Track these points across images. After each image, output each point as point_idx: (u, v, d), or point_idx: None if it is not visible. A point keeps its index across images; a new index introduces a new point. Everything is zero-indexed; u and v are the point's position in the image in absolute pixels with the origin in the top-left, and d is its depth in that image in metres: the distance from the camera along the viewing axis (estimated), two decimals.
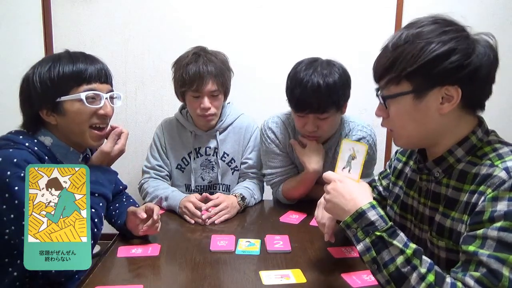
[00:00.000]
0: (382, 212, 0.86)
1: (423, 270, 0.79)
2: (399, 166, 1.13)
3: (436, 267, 0.81)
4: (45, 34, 2.04)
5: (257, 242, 1.22)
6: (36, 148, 1.08)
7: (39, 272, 1.04)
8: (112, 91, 1.19)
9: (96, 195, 1.13)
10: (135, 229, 1.22)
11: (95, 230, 1.07)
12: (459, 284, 0.77)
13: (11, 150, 1.04)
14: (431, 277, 0.78)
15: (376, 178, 1.25)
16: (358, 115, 1.74)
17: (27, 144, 1.07)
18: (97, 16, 2.07)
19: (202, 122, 1.64)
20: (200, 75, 1.52)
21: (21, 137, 1.10)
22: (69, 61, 1.11)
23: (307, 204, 1.57)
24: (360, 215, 0.86)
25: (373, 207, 0.86)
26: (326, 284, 1.01)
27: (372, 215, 0.85)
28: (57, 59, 1.12)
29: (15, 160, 1.00)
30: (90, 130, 1.15)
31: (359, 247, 0.84)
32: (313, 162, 1.49)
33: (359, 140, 1.55)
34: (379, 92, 0.94)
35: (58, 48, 2.05)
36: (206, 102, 1.56)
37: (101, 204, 1.14)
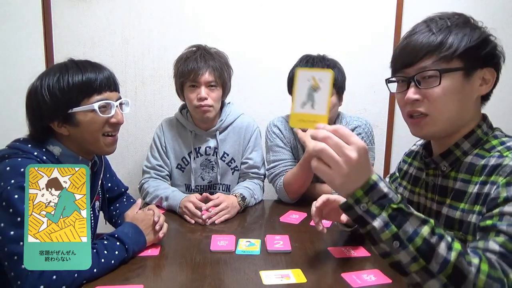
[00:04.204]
0: (385, 182, 0.75)
1: (449, 238, 0.73)
2: (405, 167, 1.15)
3: (455, 237, 0.76)
4: (45, 34, 2.04)
5: (257, 242, 1.22)
6: (44, 158, 1.07)
7: None
8: (120, 98, 1.19)
9: (125, 246, 1.09)
10: None
11: (94, 270, 0.99)
12: (478, 251, 0.76)
13: (19, 159, 1.02)
14: (457, 245, 0.72)
15: (387, 180, 1.26)
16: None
17: (35, 153, 1.07)
18: (97, 16, 2.07)
19: (199, 115, 1.64)
20: (198, 65, 1.57)
21: (29, 145, 1.09)
22: (77, 71, 1.09)
23: (307, 204, 1.57)
24: (372, 187, 0.72)
25: (380, 178, 0.74)
26: (326, 284, 1.01)
27: (383, 187, 0.72)
28: (65, 69, 1.09)
29: (22, 169, 0.97)
30: (104, 138, 1.15)
31: (376, 223, 0.71)
32: (313, 141, 1.51)
33: (355, 128, 1.61)
34: (414, 74, 0.90)
35: (58, 48, 2.06)
36: (203, 91, 1.58)
37: (117, 252, 1.06)
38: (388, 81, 1.00)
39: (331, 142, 0.71)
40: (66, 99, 1.08)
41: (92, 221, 1.27)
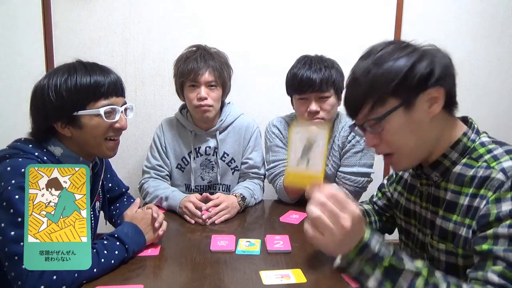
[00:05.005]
0: (378, 236, 0.80)
1: (444, 286, 0.76)
2: (400, 172, 1.15)
3: (451, 279, 0.79)
4: (45, 34, 2.04)
5: (257, 242, 1.22)
6: (45, 158, 1.07)
7: None
8: (125, 103, 1.18)
9: (125, 246, 1.08)
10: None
11: (94, 270, 0.99)
12: (476, 286, 0.77)
13: (20, 159, 1.02)
14: None
15: (385, 182, 1.26)
16: None
17: (36, 153, 1.06)
18: (97, 16, 2.07)
19: (199, 115, 1.64)
20: (198, 65, 1.57)
21: (30, 146, 1.08)
22: (85, 73, 1.08)
23: (307, 204, 1.57)
24: (363, 247, 0.78)
25: (373, 234, 0.80)
26: (326, 284, 1.01)
27: (374, 245, 0.78)
28: (73, 70, 1.09)
29: (22, 170, 0.96)
30: (106, 142, 1.15)
31: (371, 283, 0.77)
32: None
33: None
34: (362, 123, 0.92)
35: (58, 48, 2.06)
36: (203, 91, 1.58)
37: (117, 252, 1.06)
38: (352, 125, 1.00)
39: (326, 210, 0.77)
40: (73, 100, 1.07)
41: (92, 221, 1.27)
